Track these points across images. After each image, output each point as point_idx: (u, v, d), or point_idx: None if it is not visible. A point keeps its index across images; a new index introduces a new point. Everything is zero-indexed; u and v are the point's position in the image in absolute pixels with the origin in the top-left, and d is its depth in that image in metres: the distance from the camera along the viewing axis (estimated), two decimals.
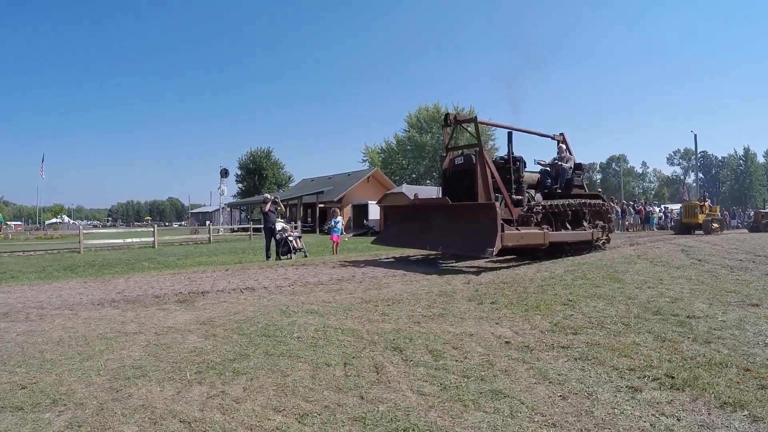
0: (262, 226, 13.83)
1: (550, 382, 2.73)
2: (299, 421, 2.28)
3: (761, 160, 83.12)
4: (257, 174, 53.06)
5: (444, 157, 9.20)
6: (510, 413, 2.35)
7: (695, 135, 42.72)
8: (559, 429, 2.20)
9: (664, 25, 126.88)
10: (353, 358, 3.16)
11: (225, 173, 36.18)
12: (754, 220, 22.92)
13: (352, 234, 26.64)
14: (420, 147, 48.59)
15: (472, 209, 7.87)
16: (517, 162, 9.04)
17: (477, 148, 8.53)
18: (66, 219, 78.70)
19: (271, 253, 11.73)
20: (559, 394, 2.57)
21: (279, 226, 12.13)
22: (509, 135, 9.32)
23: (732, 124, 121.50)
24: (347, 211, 29.93)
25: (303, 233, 18.67)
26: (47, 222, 63.74)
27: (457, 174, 8.80)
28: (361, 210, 30.27)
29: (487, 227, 7.16)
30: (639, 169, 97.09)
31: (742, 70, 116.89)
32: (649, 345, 3.35)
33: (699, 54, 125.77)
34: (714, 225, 18.32)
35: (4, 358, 3.25)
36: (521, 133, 10.03)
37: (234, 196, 53.49)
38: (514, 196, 8.61)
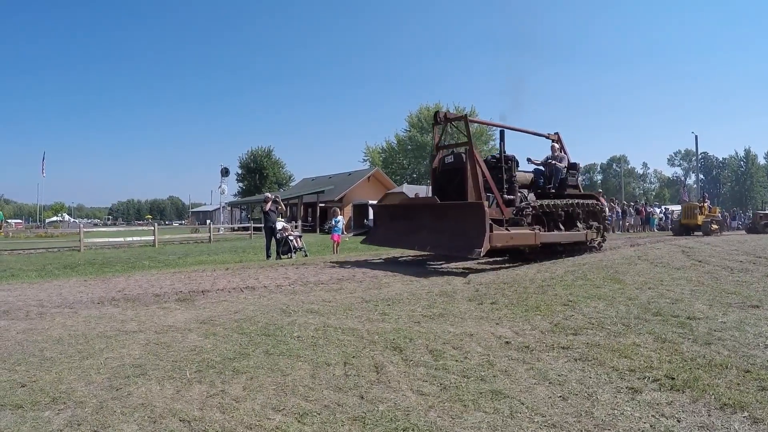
0: (262, 225, 13.83)
1: (550, 382, 2.73)
2: (299, 421, 2.28)
3: (762, 161, 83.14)
4: (258, 173, 53.08)
5: (434, 156, 9.05)
6: (510, 413, 2.34)
7: (696, 136, 42.50)
8: (559, 429, 2.20)
9: (665, 26, 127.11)
10: (353, 357, 3.16)
11: (226, 172, 36.21)
12: (752, 221, 22.87)
13: (352, 233, 26.63)
14: (421, 147, 48.60)
15: (459, 209, 7.70)
16: (509, 161, 8.86)
17: (468, 146, 8.29)
18: (66, 217, 78.63)
19: (272, 253, 11.74)
20: (559, 394, 2.57)
21: (279, 225, 12.14)
22: (501, 133, 9.20)
23: (733, 125, 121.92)
24: (348, 211, 29.96)
25: (303, 232, 18.66)
26: (48, 220, 63.65)
27: (447, 173, 8.64)
28: (362, 210, 30.27)
29: (475, 227, 7.01)
30: (640, 170, 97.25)
31: (743, 71, 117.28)
32: (650, 346, 3.35)
33: (700, 55, 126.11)
34: (713, 226, 18.26)
35: (3, 356, 3.25)
36: (519, 134, 9.92)
37: (234, 195, 53.58)
38: (505, 195, 8.43)
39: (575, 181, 10.29)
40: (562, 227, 9.12)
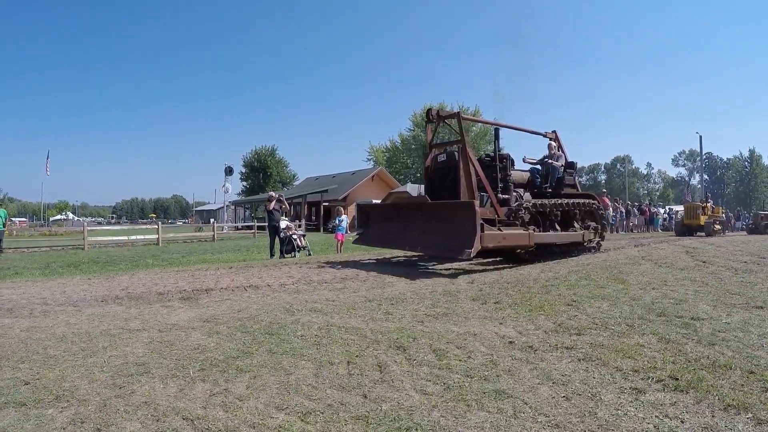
0: (266, 224, 13.85)
1: (553, 382, 2.72)
2: (302, 420, 2.28)
3: (766, 161, 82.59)
4: (262, 172, 53.15)
5: (427, 155, 8.89)
6: (513, 413, 2.34)
7: (700, 136, 42.19)
8: (563, 430, 2.20)
9: (669, 26, 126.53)
10: (356, 356, 3.16)
11: (229, 171, 36.25)
12: (753, 221, 22.67)
13: (356, 233, 26.60)
14: (425, 146, 48.47)
15: (450, 208, 7.49)
16: (504, 160, 8.66)
17: (461, 144, 8.06)
18: (70, 216, 78.92)
19: (275, 251, 11.75)
20: (563, 394, 2.56)
21: (283, 224, 12.15)
22: (496, 131, 9.07)
23: (737, 125, 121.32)
24: (351, 210, 29.94)
25: (307, 232, 18.68)
26: (52, 219, 64.04)
27: (440, 172, 8.45)
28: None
29: (466, 227, 6.80)
30: (644, 170, 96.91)
31: (748, 71, 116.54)
32: (653, 346, 3.34)
33: (705, 55, 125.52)
34: (716, 226, 18.12)
35: (7, 353, 3.26)
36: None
37: (238, 194, 53.66)
38: (500, 195, 8.22)
39: (573, 181, 10.07)
40: (558, 227, 8.94)
